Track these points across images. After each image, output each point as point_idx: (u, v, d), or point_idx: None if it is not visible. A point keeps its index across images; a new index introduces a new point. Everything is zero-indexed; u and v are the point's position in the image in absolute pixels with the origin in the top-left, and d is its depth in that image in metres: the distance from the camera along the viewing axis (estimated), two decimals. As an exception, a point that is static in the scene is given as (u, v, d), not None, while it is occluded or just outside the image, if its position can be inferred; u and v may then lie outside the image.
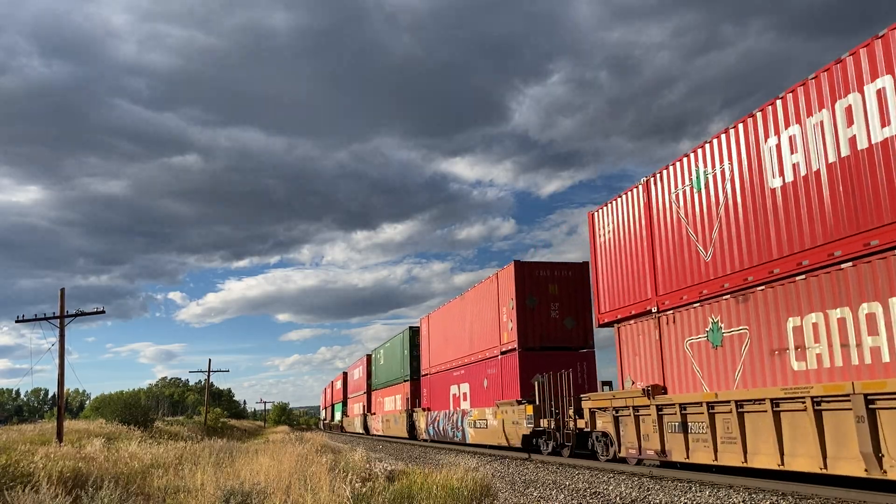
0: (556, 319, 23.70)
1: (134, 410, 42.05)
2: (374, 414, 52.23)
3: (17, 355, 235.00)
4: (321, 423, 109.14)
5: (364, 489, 10.38)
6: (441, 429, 32.72)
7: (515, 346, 23.31)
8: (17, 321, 25.63)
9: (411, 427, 39.38)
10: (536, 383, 21.22)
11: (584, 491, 13.40)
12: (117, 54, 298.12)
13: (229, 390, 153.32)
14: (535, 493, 13.65)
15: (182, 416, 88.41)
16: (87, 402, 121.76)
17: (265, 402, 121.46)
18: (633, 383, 16.60)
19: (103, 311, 26.79)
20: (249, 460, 15.85)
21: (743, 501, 10.81)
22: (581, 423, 18.80)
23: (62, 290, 26.19)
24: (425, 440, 36.27)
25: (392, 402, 45.26)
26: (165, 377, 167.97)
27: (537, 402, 21.11)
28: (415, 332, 40.00)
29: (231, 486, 10.40)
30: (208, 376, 61.30)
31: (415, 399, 38.86)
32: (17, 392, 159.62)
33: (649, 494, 12.31)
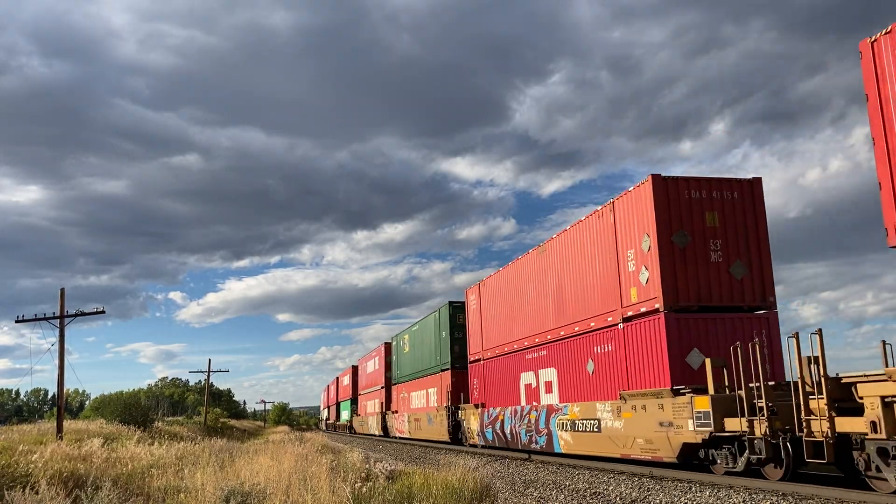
0: (717, 265, 15.92)
1: (134, 410, 41.97)
2: (397, 412, 43.18)
3: (17, 355, 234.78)
4: (323, 423, 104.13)
5: (364, 489, 10.38)
6: (507, 432, 24.13)
7: (658, 305, 15.52)
8: (17, 321, 25.66)
9: (455, 428, 30.62)
10: (708, 364, 13.87)
11: (584, 491, 13.39)
12: (117, 54, 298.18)
13: (229, 390, 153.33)
14: (535, 494, 13.65)
15: (182, 417, 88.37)
16: (87, 402, 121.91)
17: (265, 403, 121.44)
18: None
19: (103, 311, 26.82)
20: (249, 460, 15.86)
21: (743, 501, 10.80)
22: (848, 425, 10.81)
23: (62, 290, 26.21)
24: (478, 446, 27.87)
25: (422, 398, 36.29)
26: (165, 377, 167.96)
27: (711, 391, 13.62)
28: (457, 309, 31.45)
29: (231, 486, 10.40)
30: (208, 376, 61.35)
31: (458, 393, 30.37)
32: (17, 392, 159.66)
33: (650, 495, 12.29)
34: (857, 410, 10.75)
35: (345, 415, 72.04)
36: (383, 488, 10.93)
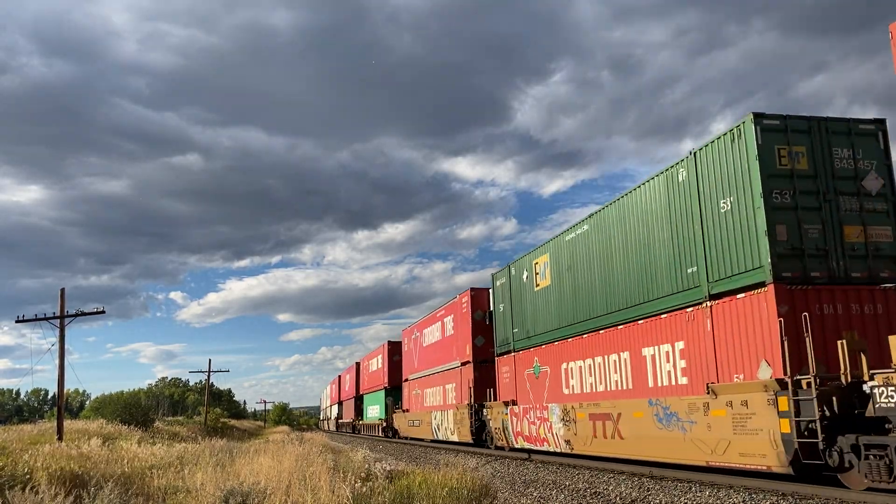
0: None
1: (134, 410, 42.07)
2: (517, 405, 23.10)
3: (17, 355, 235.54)
4: (329, 422, 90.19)
5: (364, 489, 10.38)
6: None
7: None
8: (17, 321, 25.64)
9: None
10: None
11: (584, 491, 13.39)
12: (118, 53, 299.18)
13: (229, 390, 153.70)
14: (535, 494, 13.65)
15: (182, 417, 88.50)
16: (88, 402, 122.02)
17: (265, 403, 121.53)
18: None
19: (103, 311, 26.79)
20: (249, 460, 15.86)
21: (743, 501, 10.79)
22: None
23: (62, 290, 26.20)
24: None
25: (617, 373, 17.02)
26: (165, 377, 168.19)
27: None
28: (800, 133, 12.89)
29: (231, 486, 10.40)
30: (208, 376, 61.32)
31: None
32: (18, 392, 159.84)
33: (649, 495, 12.29)
34: None
35: (373, 411, 53.32)
36: (383, 488, 10.94)
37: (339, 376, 78.32)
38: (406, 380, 41.52)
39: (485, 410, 26.40)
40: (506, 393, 24.42)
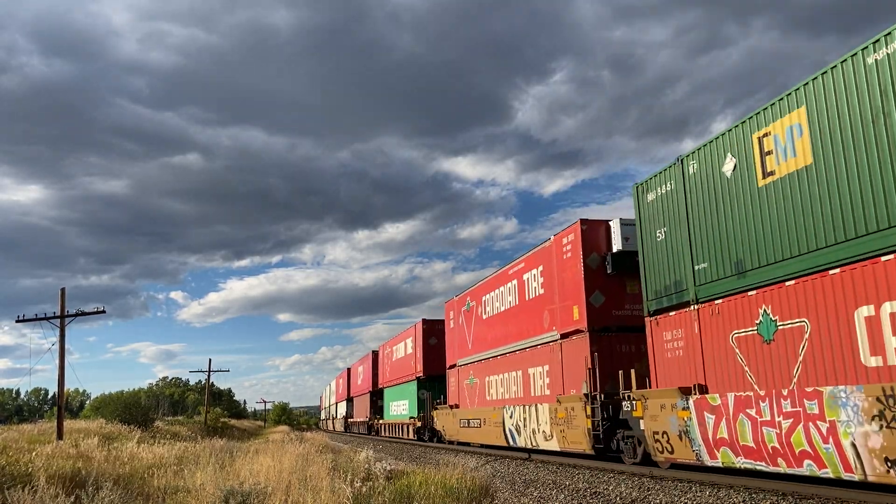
0: None
1: (134, 410, 42.10)
2: (708, 395, 12.96)
3: (17, 355, 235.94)
4: (335, 420, 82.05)
5: (364, 489, 10.39)
6: None
7: None
8: (17, 321, 25.66)
9: None
10: None
11: (584, 491, 13.39)
12: (118, 53, 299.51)
13: (229, 390, 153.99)
14: (535, 493, 13.65)
15: (182, 416, 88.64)
16: (88, 401, 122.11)
17: (265, 402, 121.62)
18: None
19: (103, 311, 26.81)
20: (249, 460, 15.87)
21: (743, 501, 10.79)
22: None
23: (62, 290, 26.21)
24: None
25: None
26: (166, 377, 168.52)
27: None
28: None
29: (231, 486, 10.40)
30: (208, 376, 61.36)
31: None
32: (18, 392, 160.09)
33: (650, 494, 12.29)
34: None
35: (399, 408, 42.92)
36: (383, 488, 10.94)
37: (349, 369, 69.34)
38: (453, 366, 31.32)
39: (625, 403, 15.81)
40: (672, 374, 14.41)
